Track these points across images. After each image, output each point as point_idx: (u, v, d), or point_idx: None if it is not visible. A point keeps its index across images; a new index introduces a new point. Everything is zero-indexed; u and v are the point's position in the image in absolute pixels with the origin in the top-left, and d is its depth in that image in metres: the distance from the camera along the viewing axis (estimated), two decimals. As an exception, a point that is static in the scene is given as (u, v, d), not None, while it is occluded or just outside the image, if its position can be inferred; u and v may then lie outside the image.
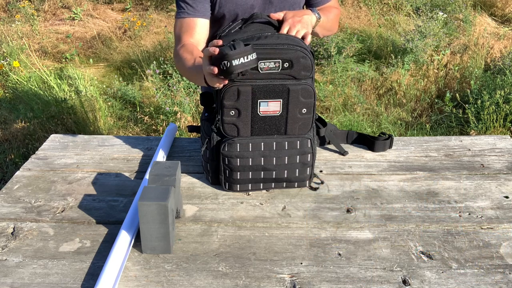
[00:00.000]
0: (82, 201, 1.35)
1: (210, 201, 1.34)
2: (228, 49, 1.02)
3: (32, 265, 1.10)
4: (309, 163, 1.35)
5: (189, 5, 1.38)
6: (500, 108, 3.02)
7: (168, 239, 1.11)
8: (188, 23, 1.39)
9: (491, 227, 1.23)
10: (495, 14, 5.35)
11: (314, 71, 1.27)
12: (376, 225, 1.24)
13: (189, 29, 1.37)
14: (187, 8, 1.38)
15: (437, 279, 1.06)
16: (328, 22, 1.48)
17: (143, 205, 1.07)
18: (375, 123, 3.38)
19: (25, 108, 3.43)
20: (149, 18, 5.45)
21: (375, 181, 1.44)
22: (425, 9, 5.14)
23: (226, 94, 1.24)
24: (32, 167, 1.52)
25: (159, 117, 3.39)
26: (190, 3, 1.38)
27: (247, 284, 1.05)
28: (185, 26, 1.38)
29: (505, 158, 1.56)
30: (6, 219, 1.27)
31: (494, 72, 3.82)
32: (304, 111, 1.28)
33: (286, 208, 1.31)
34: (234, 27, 1.27)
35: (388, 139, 1.60)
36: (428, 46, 4.20)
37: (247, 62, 1.04)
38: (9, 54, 4.30)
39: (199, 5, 1.38)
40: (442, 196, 1.36)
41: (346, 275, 1.07)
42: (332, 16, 1.52)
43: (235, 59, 1.02)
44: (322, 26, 1.44)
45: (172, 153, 1.61)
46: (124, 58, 4.57)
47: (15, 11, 5.59)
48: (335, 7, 1.57)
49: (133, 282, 1.05)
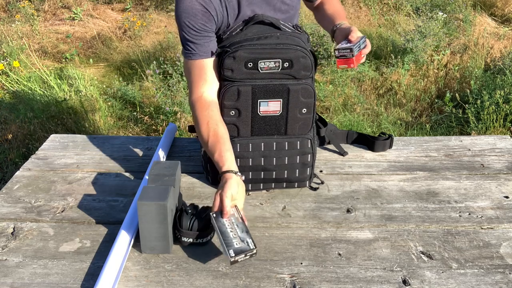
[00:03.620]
0: (82, 201, 1.35)
1: (210, 201, 1.34)
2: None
3: (32, 265, 1.10)
4: (309, 163, 1.35)
5: (200, 45, 1.26)
6: (500, 108, 3.02)
7: (168, 239, 1.11)
8: (200, 65, 1.28)
9: (491, 227, 1.23)
10: (495, 14, 5.35)
11: (314, 71, 1.26)
12: (376, 225, 1.24)
13: (202, 72, 1.28)
14: (198, 49, 1.26)
15: (437, 279, 1.06)
16: (345, 14, 1.48)
17: (142, 205, 1.07)
18: (375, 123, 3.38)
19: (25, 108, 3.43)
20: (149, 18, 5.44)
21: (375, 181, 1.44)
22: (425, 9, 5.14)
23: (226, 94, 1.24)
24: (32, 167, 1.52)
25: (159, 117, 3.39)
26: (201, 43, 1.26)
27: (247, 284, 1.05)
28: (198, 69, 1.28)
29: (505, 158, 1.56)
30: (6, 219, 1.27)
31: (494, 72, 3.81)
32: (304, 111, 1.28)
33: (286, 208, 1.31)
34: (235, 29, 1.26)
35: (388, 139, 1.60)
36: (428, 46, 4.20)
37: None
38: (9, 54, 4.30)
39: (210, 44, 1.27)
40: (442, 196, 1.36)
41: (346, 275, 1.07)
42: (341, 8, 1.50)
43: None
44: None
45: (172, 153, 1.61)
46: (124, 58, 4.57)
47: (15, 11, 5.58)
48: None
49: (133, 282, 1.05)
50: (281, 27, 1.27)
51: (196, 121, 1.28)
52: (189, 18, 1.22)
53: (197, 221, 1.14)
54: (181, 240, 1.14)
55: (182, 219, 1.14)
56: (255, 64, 1.21)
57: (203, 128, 1.25)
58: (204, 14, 1.22)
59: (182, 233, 1.13)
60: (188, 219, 1.14)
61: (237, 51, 1.19)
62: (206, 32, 1.24)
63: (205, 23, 1.23)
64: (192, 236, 1.13)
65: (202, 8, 1.21)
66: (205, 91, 1.27)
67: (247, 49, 1.19)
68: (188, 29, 1.24)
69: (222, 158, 1.21)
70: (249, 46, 1.20)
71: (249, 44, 1.20)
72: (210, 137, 1.24)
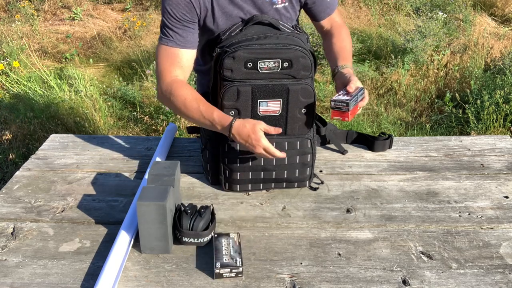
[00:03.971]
0: (82, 201, 1.35)
1: (210, 201, 1.34)
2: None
3: (32, 265, 1.10)
4: (309, 163, 1.35)
5: (178, 34, 1.26)
6: (500, 108, 3.02)
7: (167, 239, 1.11)
8: (175, 53, 1.28)
9: (491, 227, 1.23)
10: (495, 14, 5.35)
11: (314, 71, 1.26)
12: (376, 225, 1.24)
13: (176, 60, 1.28)
14: (176, 37, 1.27)
15: (437, 279, 1.06)
16: (351, 51, 1.49)
17: (142, 205, 1.07)
18: (375, 123, 3.38)
19: (25, 108, 3.43)
20: (149, 18, 5.44)
21: (375, 181, 1.44)
22: (425, 9, 5.14)
23: (225, 94, 1.24)
24: (32, 167, 1.52)
25: (159, 117, 3.38)
26: (180, 32, 1.27)
27: (247, 284, 1.05)
28: (172, 56, 1.28)
29: (505, 158, 1.56)
30: (6, 219, 1.27)
31: (494, 72, 3.81)
32: (304, 111, 1.28)
33: (286, 208, 1.31)
34: (234, 30, 1.26)
35: (388, 139, 1.60)
36: (428, 46, 4.20)
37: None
38: (9, 54, 4.30)
39: (189, 35, 1.28)
40: (442, 196, 1.36)
41: (346, 275, 1.07)
42: (348, 43, 1.48)
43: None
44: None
45: (172, 153, 1.61)
46: (124, 58, 4.57)
47: (15, 11, 5.58)
48: (342, 26, 1.51)
49: (133, 282, 1.05)
50: (281, 27, 1.27)
51: (178, 100, 1.26)
52: (171, 6, 1.25)
53: (197, 221, 1.14)
54: (181, 240, 1.14)
55: (182, 219, 1.14)
56: (254, 64, 1.21)
57: (190, 103, 1.24)
58: (187, 5, 1.24)
59: (182, 233, 1.13)
60: (188, 219, 1.14)
61: (236, 51, 1.19)
62: (186, 22, 1.27)
63: (186, 13, 1.25)
64: (192, 236, 1.13)
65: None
66: (179, 75, 1.29)
67: (246, 49, 1.19)
68: (169, 16, 1.26)
69: (222, 115, 1.22)
70: (249, 46, 1.20)
71: (248, 44, 1.20)
72: (201, 106, 1.24)
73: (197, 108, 1.23)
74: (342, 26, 1.50)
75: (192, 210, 1.16)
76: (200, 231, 1.14)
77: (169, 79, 1.28)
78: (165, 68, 1.29)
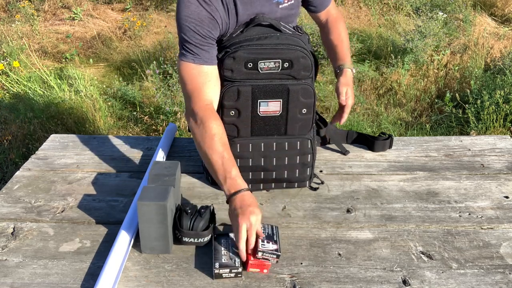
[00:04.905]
0: (82, 201, 1.35)
1: (210, 201, 1.34)
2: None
3: (32, 265, 1.10)
4: (309, 163, 1.35)
5: (204, 51, 1.21)
6: (500, 108, 3.02)
7: (167, 239, 1.11)
8: (204, 71, 1.22)
9: (491, 227, 1.23)
10: (495, 14, 5.35)
11: (314, 71, 1.26)
12: (376, 225, 1.24)
13: (207, 79, 1.22)
14: (202, 54, 1.21)
15: (437, 279, 1.06)
16: (348, 46, 1.53)
17: (142, 205, 1.07)
18: (375, 123, 3.38)
19: (25, 108, 3.43)
20: (149, 18, 5.44)
21: (375, 181, 1.44)
22: (425, 9, 5.14)
23: (226, 94, 1.23)
24: (32, 167, 1.52)
25: (159, 117, 3.39)
26: (206, 49, 1.21)
27: (247, 284, 1.05)
28: (202, 75, 1.22)
29: (505, 158, 1.56)
30: (6, 219, 1.27)
31: (494, 72, 3.81)
32: (304, 111, 1.28)
33: (286, 208, 1.31)
34: (235, 31, 1.26)
35: (388, 139, 1.60)
36: (428, 46, 4.20)
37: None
38: (9, 54, 4.30)
39: (213, 51, 1.22)
40: (442, 196, 1.36)
41: (346, 275, 1.07)
42: (345, 37, 1.52)
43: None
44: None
45: (172, 153, 1.61)
46: (124, 58, 4.57)
47: (15, 11, 5.58)
48: (338, 17, 1.53)
49: (133, 282, 1.05)
50: (282, 28, 1.27)
51: (206, 132, 1.19)
52: (194, 23, 1.18)
53: (197, 221, 1.14)
54: (181, 240, 1.14)
55: (182, 219, 1.14)
56: (255, 64, 1.21)
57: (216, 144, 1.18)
58: (211, 21, 1.19)
59: (182, 233, 1.13)
60: (188, 219, 1.14)
61: (237, 51, 1.19)
62: (210, 40, 1.22)
63: (211, 30, 1.20)
64: (192, 236, 1.13)
65: (209, 15, 1.19)
66: (212, 96, 1.22)
67: (247, 49, 1.19)
68: (192, 34, 1.19)
69: (240, 176, 1.16)
70: (249, 47, 1.19)
71: (248, 45, 1.20)
72: (225, 153, 1.18)
73: (221, 153, 1.17)
74: (338, 19, 1.53)
75: (192, 210, 1.16)
76: (200, 231, 1.14)
77: (202, 103, 1.21)
78: (197, 88, 1.22)
